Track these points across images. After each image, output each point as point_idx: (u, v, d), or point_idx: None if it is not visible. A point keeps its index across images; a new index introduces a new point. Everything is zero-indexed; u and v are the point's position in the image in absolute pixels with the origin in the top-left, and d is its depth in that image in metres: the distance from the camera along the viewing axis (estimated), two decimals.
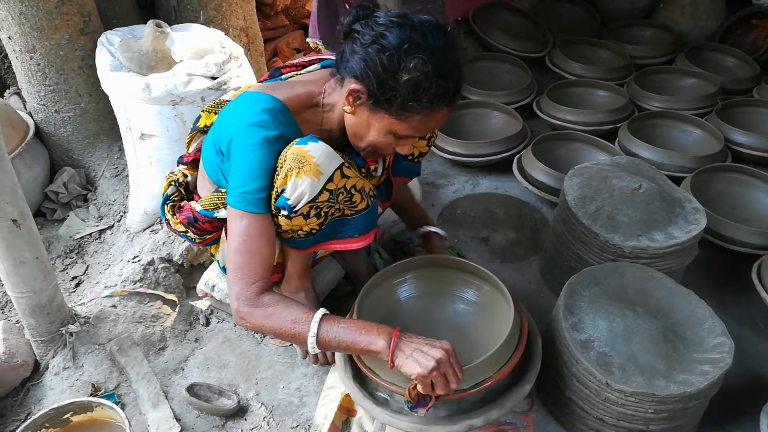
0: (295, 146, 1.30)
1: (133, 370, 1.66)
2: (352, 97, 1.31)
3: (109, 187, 2.26)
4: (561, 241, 1.89)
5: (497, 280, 1.51)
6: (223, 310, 1.86)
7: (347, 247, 1.48)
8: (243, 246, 1.32)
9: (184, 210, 1.57)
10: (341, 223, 1.44)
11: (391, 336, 1.24)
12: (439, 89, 1.25)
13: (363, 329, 1.26)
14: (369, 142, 1.38)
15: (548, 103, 2.81)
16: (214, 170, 1.50)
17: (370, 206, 1.44)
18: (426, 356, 1.20)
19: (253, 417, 1.57)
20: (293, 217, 1.34)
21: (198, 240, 1.61)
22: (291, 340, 1.34)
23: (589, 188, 1.85)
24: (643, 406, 1.38)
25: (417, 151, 1.64)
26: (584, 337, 1.48)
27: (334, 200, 1.36)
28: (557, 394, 1.54)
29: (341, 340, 1.26)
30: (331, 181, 1.32)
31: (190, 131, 1.67)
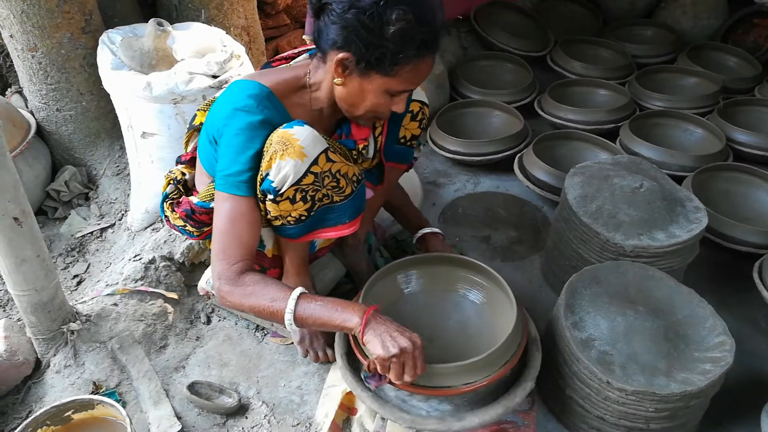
0: (281, 130, 1.32)
1: (134, 368, 1.66)
2: (341, 67, 1.32)
3: (110, 186, 2.26)
4: (562, 240, 1.88)
5: (500, 278, 1.51)
6: (225, 309, 1.86)
7: (338, 234, 1.49)
8: (226, 227, 1.35)
9: (182, 204, 1.59)
10: (330, 209, 1.45)
11: (362, 315, 1.28)
12: (425, 35, 1.27)
13: (339, 306, 1.30)
14: (366, 108, 1.39)
15: (549, 102, 2.81)
16: (209, 162, 1.50)
17: (355, 191, 1.46)
18: (393, 341, 1.24)
19: (254, 415, 1.58)
20: (280, 201, 1.35)
21: (196, 233, 1.62)
22: (270, 318, 1.35)
23: (590, 187, 1.85)
24: (644, 404, 1.38)
25: (409, 134, 1.64)
26: (585, 335, 1.48)
27: (320, 184, 1.37)
28: (558, 393, 1.54)
29: (318, 317, 1.30)
30: (315, 164, 1.34)
31: (187, 130, 1.67)
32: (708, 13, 3.61)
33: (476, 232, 2.26)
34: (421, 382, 1.31)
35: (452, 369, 1.30)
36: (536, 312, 1.60)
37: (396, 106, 1.40)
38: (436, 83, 2.85)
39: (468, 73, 3.08)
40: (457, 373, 1.30)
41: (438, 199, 2.44)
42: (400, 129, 1.62)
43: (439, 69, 2.87)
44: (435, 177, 2.56)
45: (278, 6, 3.31)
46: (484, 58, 3.23)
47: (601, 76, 3.10)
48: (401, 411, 1.35)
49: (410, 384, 1.29)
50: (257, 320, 1.80)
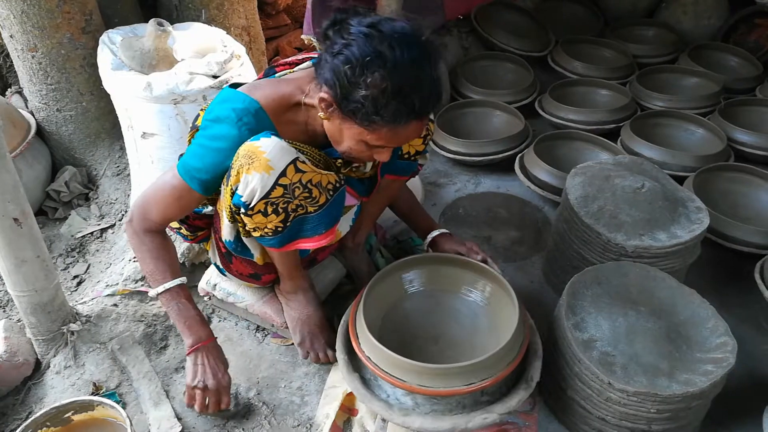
0: (248, 143, 1.29)
1: (135, 368, 1.66)
2: (324, 103, 1.29)
3: (110, 186, 2.26)
4: (563, 241, 1.88)
5: (502, 278, 1.51)
6: (225, 309, 1.86)
7: (316, 245, 1.45)
8: (161, 193, 1.41)
9: None
10: (304, 221, 1.42)
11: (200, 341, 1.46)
12: (400, 106, 1.21)
13: (187, 322, 1.46)
14: (344, 149, 1.36)
15: (550, 102, 2.81)
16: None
17: (329, 200, 1.42)
18: (203, 374, 1.46)
19: (255, 416, 1.57)
20: (252, 215, 1.34)
21: (190, 237, 1.64)
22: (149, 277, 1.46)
23: (591, 187, 1.85)
24: (646, 405, 1.37)
25: (413, 150, 1.62)
26: (586, 336, 1.48)
27: (290, 195, 1.33)
28: (559, 394, 1.54)
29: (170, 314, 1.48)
30: (284, 175, 1.30)
31: (189, 131, 1.66)
32: (709, 13, 3.61)
33: (477, 232, 2.26)
34: (424, 383, 1.30)
35: (455, 370, 1.30)
36: (538, 313, 1.59)
37: (378, 155, 1.35)
38: None
39: (469, 73, 3.07)
40: (460, 374, 1.30)
41: (439, 200, 2.44)
42: (402, 146, 1.61)
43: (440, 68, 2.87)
44: (436, 177, 2.56)
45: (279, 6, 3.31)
46: (485, 58, 3.23)
47: (602, 76, 3.10)
48: (402, 412, 1.35)
49: (413, 385, 1.29)
50: (258, 321, 1.80)
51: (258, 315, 1.75)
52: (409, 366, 1.30)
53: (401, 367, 1.31)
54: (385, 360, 1.34)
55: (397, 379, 1.32)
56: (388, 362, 1.33)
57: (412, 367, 1.30)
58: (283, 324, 1.71)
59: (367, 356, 1.39)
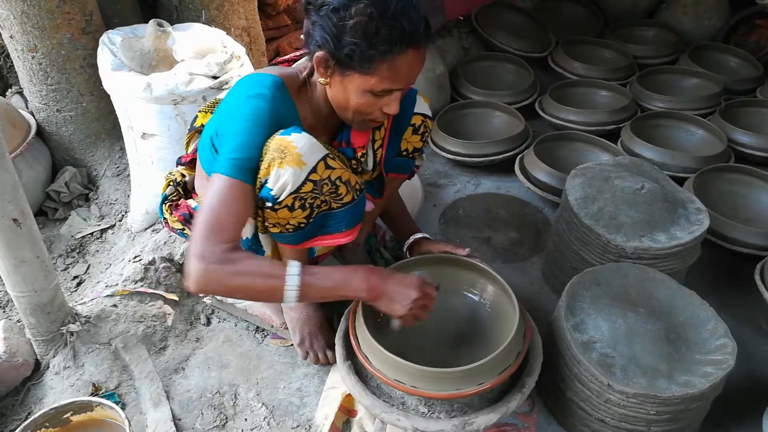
0: (278, 137, 1.29)
1: (137, 368, 1.66)
2: (321, 66, 1.30)
3: (110, 187, 2.26)
4: (563, 242, 1.88)
5: (502, 280, 1.51)
6: (224, 310, 1.86)
7: (336, 242, 1.46)
8: (221, 204, 1.24)
9: (181, 207, 1.58)
10: (328, 216, 1.42)
11: (368, 282, 1.31)
12: (392, 30, 1.22)
13: (343, 276, 1.31)
14: (353, 109, 1.35)
15: (550, 103, 2.80)
16: (209, 164, 1.48)
17: (356, 199, 1.43)
18: (403, 297, 1.32)
19: (254, 417, 1.57)
20: (278, 209, 1.33)
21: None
22: (264, 297, 1.31)
23: (591, 188, 1.85)
24: (645, 407, 1.37)
25: (411, 147, 1.63)
26: (586, 338, 1.47)
27: (319, 191, 1.34)
28: (558, 395, 1.53)
29: (320, 289, 1.29)
30: (314, 171, 1.31)
31: (188, 131, 1.66)
32: (710, 13, 3.61)
33: (477, 233, 2.26)
34: (424, 386, 1.30)
35: (456, 374, 1.29)
36: (537, 314, 1.59)
37: (386, 107, 1.35)
38: (437, 84, 2.84)
39: (469, 73, 3.07)
40: (460, 377, 1.30)
41: (438, 201, 2.44)
42: (401, 142, 1.61)
43: (439, 69, 2.87)
44: (435, 178, 2.56)
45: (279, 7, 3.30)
46: (485, 58, 3.23)
47: (602, 77, 3.10)
48: (401, 413, 1.35)
49: (413, 387, 1.29)
50: (257, 322, 1.80)
51: (257, 315, 1.75)
52: (409, 369, 1.30)
53: (401, 369, 1.31)
54: (384, 362, 1.34)
55: (397, 382, 1.32)
56: (387, 364, 1.33)
57: (411, 370, 1.30)
58: (283, 325, 1.71)
59: (366, 358, 1.39)
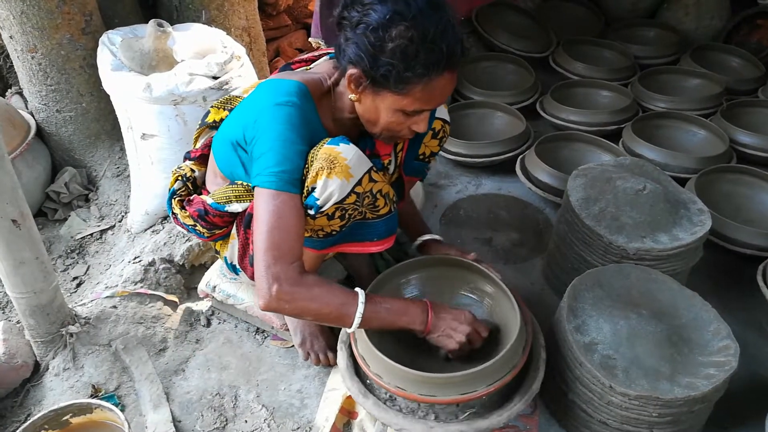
0: (327, 146, 1.29)
1: (138, 369, 1.65)
2: (353, 84, 1.30)
3: (110, 187, 2.25)
4: (564, 243, 1.87)
5: (501, 282, 1.50)
6: (224, 311, 1.85)
7: (365, 250, 1.48)
8: (278, 223, 1.26)
9: (195, 203, 1.55)
10: (361, 225, 1.43)
11: (426, 316, 1.36)
12: (430, 53, 1.22)
13: (401, 309, 1.36)
14: (382, 126, 1.36)
15: (552, 103, 2.79)
16: (228, 164, 1.48)
17: (392, 211, 1.44)
18: (456, 332, 1.36)
19: (254, 419, 1.56)
20: (318, 218, 1.33)
21: (206, 234, 1.58)
22: (332, 321, 1.34)
23: (592, 189, 1.84)
24: (647, 409, 1.36)
25: (428, 151, 1.63)
26: (588, 339, 1.47)
27: (360, 203, 1.35)
28: (560, 397, 1.53)
29: (381, 320, 1.34)
30: (359, 184, 1.32)
31: (198, 126, 1.65)
32: (711, 13, 3.60)
33: (478, 234, 2.25)
34: (424, 392, 1.29)
35: (458, 378, 1.29)
36: (538, 315, 1.58)
37: (416, 126, 1.36)
38: None
39: (470, 74, 3.06)
40: (463, 382, 1.29)
41: (439, 201, 2.43)
42: (420, 146, 1.61)
43: None
44: (436, 179, 2.55)
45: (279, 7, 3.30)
46: (486, 59, 3.22)
47: (604, 77, 3.09)
48: (402, 417, 1.34)
49: (418, 395, 1.29)
50: (257, 323, 1.79)
51: (258, 317, 1.74)
52: (409, 375, 1.29)
53: (401, 376, 1.30)
54: (384, 368, 1.33)
55: (398, 389, 1.31)
56: (387, 370, 1.33)
57: (411, 377, 1.29)
58: (283, 326, 1.71)
59: (366, 363, 1.38)
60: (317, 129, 1.37)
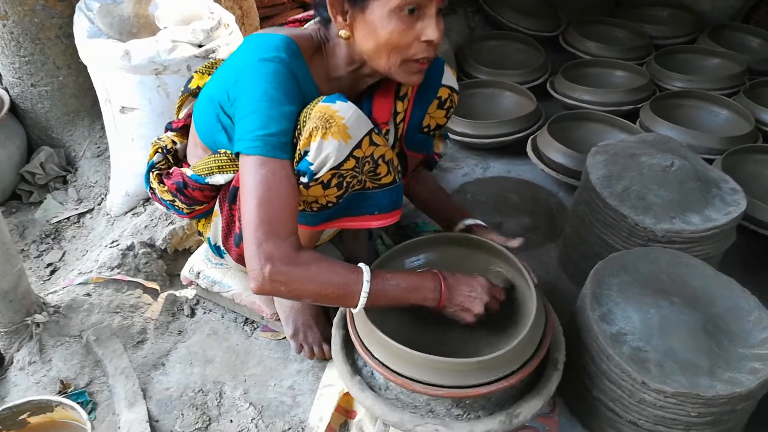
0: (322, 104, 1.13)
1: (111, 363, 1.49)
2: (338, 13, 1.16)
3: (90, 168, 2.09)
4: (583, 225, 1.71)
5: (518, 262, 1.34)
6: (210, 300, 1.68)
7: (364, 225, 1.31)
8: (268, 194, 1.11)
9: (174, 175, 1.39)
10: (361, 197, 1.26)
11: (438, 290, 1.22)
12: None
13: (411, 284, 1.21)
14: (387, 48, 1.16)
15: (563, 82, 2.63)
16: (210, 131, 1.32)
17: (396, 182, 1.27)
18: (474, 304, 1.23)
19: (240, 418, 1.40)
20: (311, 186, 1.17)
21: (186, 210, 1.42)
22: (335, 302, 1.19)
23: (615, 166, 1.67)
24: (685, 408, 1.21)
25: (434, 123, 1.46)
26: (615, 329, 1.31)
27: (359, 170, 1.18)
28: (583, 395, 1.37)
29: (391, 298, 1.19)
30: (359, 147, 1.15)
31: (180, 94, 1.49)
32: None
33: (486, 218, 2.06)
34: (437, 380, 1.13)
35: (474, 365, 1.12)
36: (554, 304, 1.42)
37: (424, 33, 1.16)
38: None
39: (476, 54, 2.90)
40: (477, 370, 1.12)
41: (444, 184, 2.27)
42: (424, 117, 1.44)
43: (444, 47, 2.69)
44: (441, 161, 2.38)
45: None
46: (493, 38, 3.06)
47: (618, 56, 2.92)
48: (409, 415, 1.17)
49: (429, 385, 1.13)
50: (246, 312, 1.63)
51: (246, 305, 1.58)
52: (433, 363, 1.12)
53: (410, 361, 1.13)
54: (390, 355, 1.17)
55: (414, 382, 1.14)
56: (394, 357, 1.16)
57: (424, 362, 1.12)
58: (274, 315, 1.54)
59: (368, 351, 1.21)
60: (309, 89, 1.20)
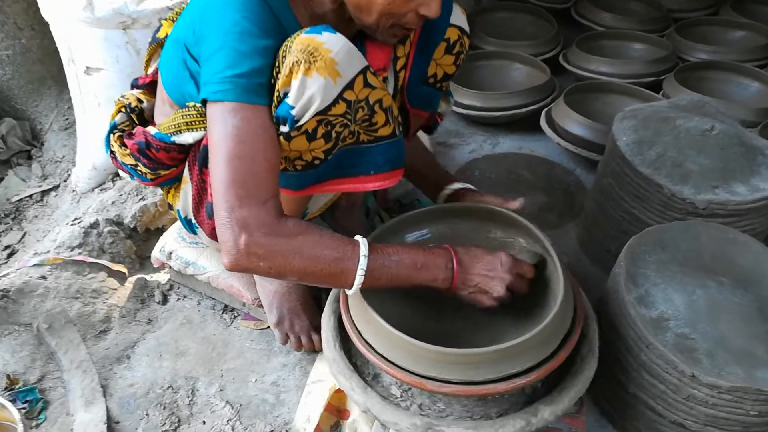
0: (304, 35, 0.93)
1: (67, 356, 1.29)
2: None
3: (57, 142, 1.89)
4: (609, 199, 1.50)
5: (539, 233, 1.13)
6: (186, 285, 1.48)
7: (358, 188, 1.10)
8: (241, 149, 0.92)
9: (136, 135, 1.19)
10: (354, 153, 1.05)
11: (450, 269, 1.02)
12: None
13: (419, 264, 1.01)
14: (379, 10, 0.97)
15: (578, 54, 2.42)
16: (177, 82, 1.12)
17: (397, 135, 1.06)
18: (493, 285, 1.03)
19: (215, 419, 1.20)
20: (294, 137, 0.96)
21: (150, 176, 1.21)
22: (325, 281, 0.99)
23: (646, 131, 1.47)
24: (744, 406, 1.01)
25: (441, 71, 1.24)
26: (656, 313, 1.11)
27: (351, 117, 0.98)
28: (617, 391, 1.17)
29: (392, 276, 0.99)
30: (350, 88, 0.95)
31: (148, 45, 1.29)
32: None
33: None
34: (449, 375, 0.93)
35: (490, 355, 0.92)
36: None
37: (425, 8, 0.98)
38: None
39: (483, 25, 2.69)
40: (494, 360, 0.92)
41: (450, 162, 2.06)
42: (429, 63, 1.22)
43: None
44: (445, 137, 2.18)
45: None
46: (502, 9, 2.85)
47: (634, 28, 2.72)
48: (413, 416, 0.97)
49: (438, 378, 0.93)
50: (225, 299, 1.43)
51: (223, 289, 1.38)
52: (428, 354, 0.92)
53: (417, 354, 0.93)
54: (391, 345, 0.96)
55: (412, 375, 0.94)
56: (396, 348, 0.96)
57: (433, 355, 0.92)
58: (256, 301, 1.34)
59: (364, 340, 1.01)
60: (289, 25, 1.00)
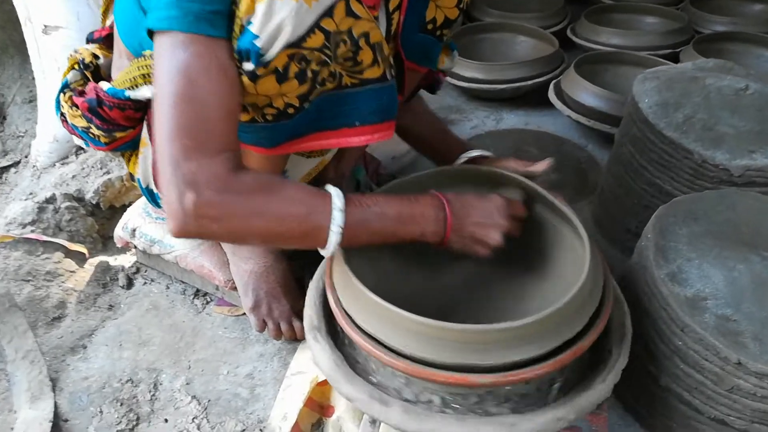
0: None
1: (11, 344, 1.13)
2: None
3: (20, 116, 1.74)
4: (629, 171, 1.34)
5: (558, 203, 0.98)
6: (153, 268, 1.32)
7: (342, 143, 0.92)
8: (190, 90, 0.75)
9: (88, 92, 1.01)
10: (335, 99, 0.87)
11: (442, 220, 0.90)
12: None
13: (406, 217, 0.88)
14: None
15: (587, 26, 2.26)
16: (132, 29, 0.95)
17: (387, 79, 0.88)
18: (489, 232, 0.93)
19: (178, 416, 1.04)
20: (261, 76, 0.78)
21: (105, 140, 1.05)
22: (295, 243, 0.85)
23: (671, 92, 1.30)
24: None
25: (441, 16, 1.06)
26: (691, 292, 0.95)
27: (331, 52, 0.80)
28: (645, 384, 1.00)
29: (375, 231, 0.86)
30: (329, 15, 0.77)
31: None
32: None
33: None
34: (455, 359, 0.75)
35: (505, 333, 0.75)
36: None
37: None
38: None
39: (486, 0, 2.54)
40: (509, 340, 0.75)
41: None
42: (427, 6, 1.05)
43: None
44: (445, 113, 2.02)
45: None
46: None
47: (648, 0, 2.56)
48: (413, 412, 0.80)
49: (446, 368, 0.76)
50: (196, 282, 1.27)
51: (193, 270, 1.22)
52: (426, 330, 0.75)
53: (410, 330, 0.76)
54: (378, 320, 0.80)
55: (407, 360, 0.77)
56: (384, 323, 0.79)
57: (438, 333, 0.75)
58: (229, 282, 1.18)
59: (355, 325, 0.84)
60: None
